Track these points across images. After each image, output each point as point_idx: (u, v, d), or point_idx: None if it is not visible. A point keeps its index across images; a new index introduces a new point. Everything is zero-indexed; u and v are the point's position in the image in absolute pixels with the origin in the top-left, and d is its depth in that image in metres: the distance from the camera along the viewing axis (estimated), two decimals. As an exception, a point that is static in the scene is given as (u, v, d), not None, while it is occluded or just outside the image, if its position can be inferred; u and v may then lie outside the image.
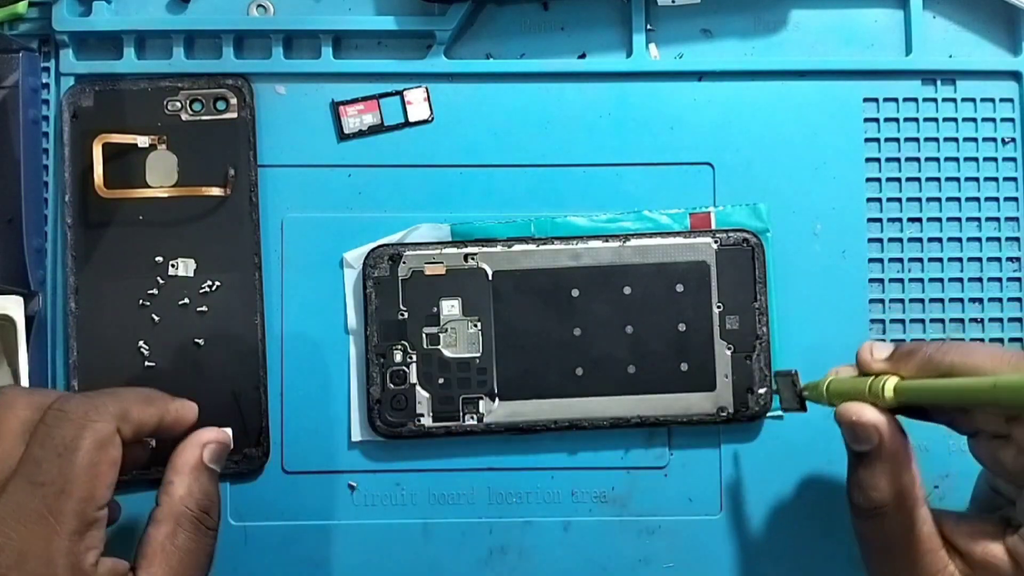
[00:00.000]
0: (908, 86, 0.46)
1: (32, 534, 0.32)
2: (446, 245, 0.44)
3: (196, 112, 0.45)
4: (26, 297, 0.44)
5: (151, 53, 0.46)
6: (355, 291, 0.45)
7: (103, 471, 0.34)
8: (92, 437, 0.34)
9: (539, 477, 0.45)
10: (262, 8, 0.46)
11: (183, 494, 0.37)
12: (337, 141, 0.46)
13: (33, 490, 0.33)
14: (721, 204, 0.46)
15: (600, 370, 0.44)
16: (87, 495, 0.33)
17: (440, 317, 0.44)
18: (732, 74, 0.46)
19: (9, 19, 0.45)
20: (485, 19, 0.46)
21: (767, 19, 0.47)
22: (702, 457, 0.45)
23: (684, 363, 0.44)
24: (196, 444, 0.38)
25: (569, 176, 0.46)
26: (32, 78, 0.45)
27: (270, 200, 0.45)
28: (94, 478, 0.34)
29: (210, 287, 0.44)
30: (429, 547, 0.45)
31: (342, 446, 0.45)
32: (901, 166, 0.46)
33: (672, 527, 0.45)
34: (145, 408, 0.37)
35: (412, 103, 0.46)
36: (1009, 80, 0.46)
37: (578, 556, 0.45)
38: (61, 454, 0.33)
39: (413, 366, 0.44)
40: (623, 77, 0.46)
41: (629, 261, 0.44)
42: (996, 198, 0.46)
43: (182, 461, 0.38)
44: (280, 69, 0.46)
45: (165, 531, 0.36)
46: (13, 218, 0.44)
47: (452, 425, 0.44)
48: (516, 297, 0.44)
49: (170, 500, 0.37)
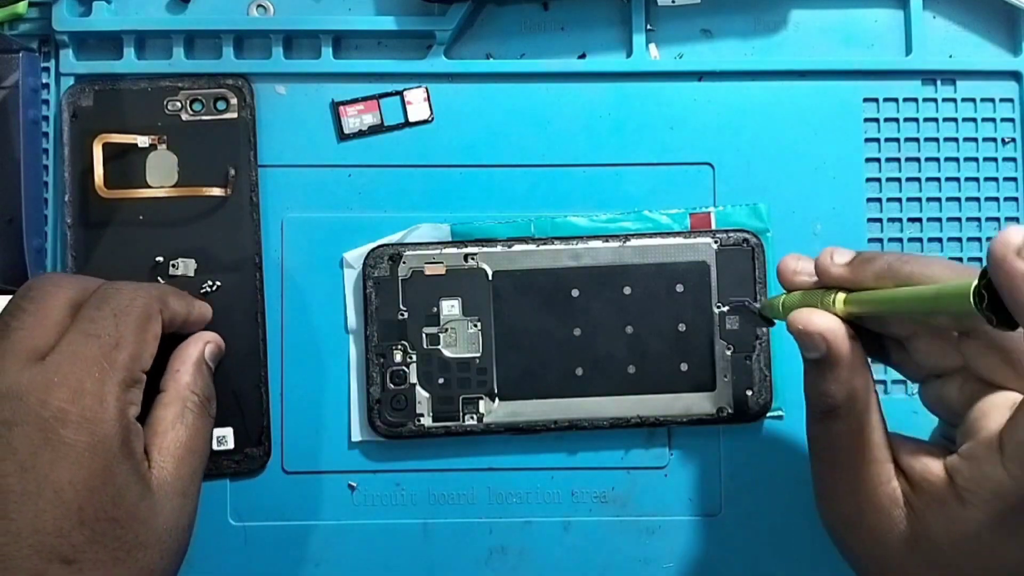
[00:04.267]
0: (908, 86, 0.46)
1: (88, 374, 0.35)
2: (446, 245, 0.44)
3: (196, 112, 0.45)
4: (26, 297, 0.44)
5: (151, 53, 0.46)
6: (355, 291, 0.45)
7: (148, 340, 0.37)
8: (142, 307, 0.38)
9: (539, 477, 0.45)
10: (262, 8, 0.46)
11: (188, 381, 0.40)
12: (337, 141, 0.46)
13: (89, 340, 0.36)
14: (721, 204, 0.46)
15: (600, 370, 0.44)
16: (136, 353, 0.37)
17: (440, 317, 0.44)
18: (732, 74, 0.46)
19: (9, 19, 0.45)
20: (485, 19, 0.46)
21: (767, 19, 0.47)
22: (702, 457, 0.45)
23: (684, 363, 0.44)
24: (199, 340, 0.41)
25: (569, 176, 0.46)
26: (32, 78, 0.45)
27: (270, 200, 0.45)
28: (142, 342, 0.37)
29: (211, 287, 0.44)
30: (429, 547, 0.45)
31: (342, 446, 0.45)
32: (901, 166, 0.46)
33: (672, 527, 0.45)
34: (178, 300, 0.41)
35: (412, 103, 0.46)
36: (1009, 80, 0.46)
37: (578, 556, 0.45)
38: (116, 315, 0.37)
39: (413, 366, 0.44)
40: (623, 77, 0.46)
41: (629, 261, 0.44)
42: (996, 198, 0.46)
43: (187, 353, 0.41)
44: (280, 69, 0.46)
45: (174, 411, 0.39)
46: (13, 218, 0.44)
47: (452, 425, 0.44)
48: (516, 297, 0.44)
49: (177, 385, 0.40)
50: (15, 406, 0.34)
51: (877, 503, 0.34)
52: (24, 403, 0.34)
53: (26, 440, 0.33)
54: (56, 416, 0.34)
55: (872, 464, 0.35)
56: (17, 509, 0.33)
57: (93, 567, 0.34)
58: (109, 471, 0.34)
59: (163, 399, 0.39)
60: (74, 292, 0.37)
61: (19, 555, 0.33)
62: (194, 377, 0.40)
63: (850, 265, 0.35)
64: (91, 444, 0.34)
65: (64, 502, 0.33)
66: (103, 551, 0.34)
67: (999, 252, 0.29)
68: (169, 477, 0.37)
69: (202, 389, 0.40)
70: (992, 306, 0.29)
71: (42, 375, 0.34)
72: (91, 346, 0.35)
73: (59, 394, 0.34)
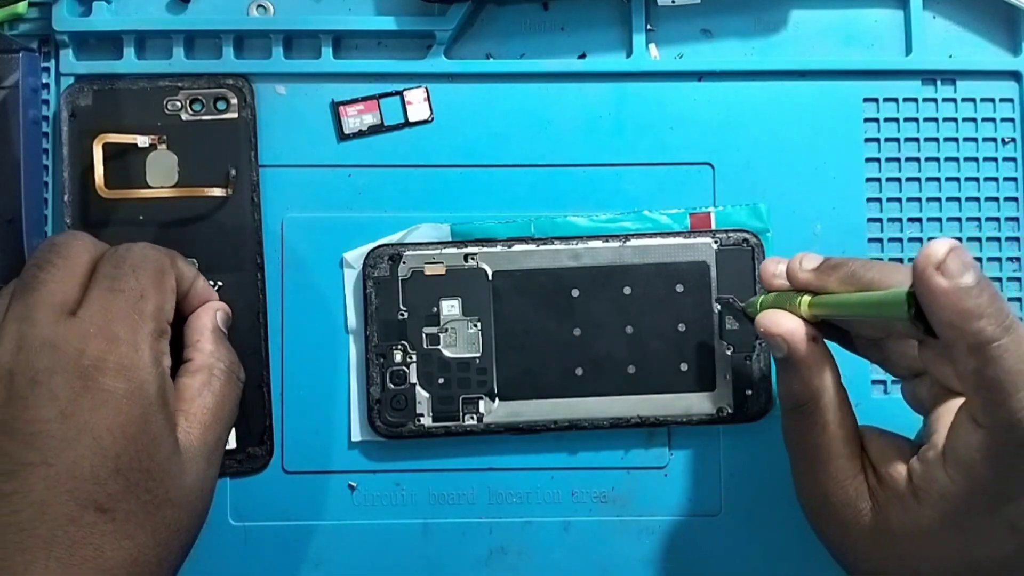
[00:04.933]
0: (908, 86, 0.46)
1: (120, 324, 0.36)
2: (446, 245, 0.44)
3: (196, 112, 0.45)
4: (26, 297, 0.44)
5: (151, 53, 0.46)
6: (355, 291, 0.45)
7: (167, 291, 0.38)
8: (156, 261, 0.38)
9: (539, 477, 0.45)
10: (262, 8, 0.46)
11: (212, 349, 0.40)
12: (337, 141, 0.46)
13: (114, 295, 0.36)
14: (721, 204, 0.46)
15: (600, 370, 0.44)
16: (159, 304, 0.37)
17: (440, 317, 0.44)
18: (732, 74, 0.46)
19: (9, 19, 0.45)
20: (485, 19, 0.46)
21: (767, 19, 0.47)
22: (702, 457, 0.45)
23: (684, 363, 0.44)
24: (209, 310, 0.42)
25: (569, 176, 0.46)
26: (32, 78, 0.45)
27: (270, 200, 0.45)
28: (163, 293, 0.38)
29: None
30: (429, 547, 0.45)
31: (342, 446, 0.45)
32: (901, 166, 0.46)
33: (672, 527, 0.45)
34: (184, 262, 0.41)
35: (412, 103, 0.46)
36: (1009, 80, 0.46)
37: (578, 556, 0.45)
38: (136, 269, 0.37)
39: (413, 366, 0.44)
40: (623, 77, 0.46)
41: (629, 261, 0.44)
42: (996, 198, 0.46)
43: (202, 323, 0.41)
44: (280, 69, 0.46)
45: (201, 379, 0.39)
46: (13, 218, 0.44)
47: (452, 425, 0.44)
48: (516, 297, 0.44)
49: (201, 354, 0.40)
50: (54, 355, 0.34)
51: (844, 496, 0.36)
52: (63, 352, 0.34)
53: (67, 387, 0.34)
54: (95, 364, 0.34)
55: (838, 459, 0.36)
56: (56, 455, 0.33)
57: (125, 518, 0.34)
58: (145, 419, 0.35)
59: (189, 367, 0.40)
60: (95, 251, 0.38)
61: (56, 501, 0.33)
62: (216, 345, 0.41)
63: (817, 270, 0.37)
64: (129, 391, 0.35)
65: (102, 449, 0.34)
66: (135, 502, 0.34)
67: (920, 265, 0.30)
68: (196, 442, 0.37)
69: (225, 355, 0.41)
70: (920, 315, 0.31)
71: (77, 326, 0.35)
72: (119, 300, 0.36)
73: (96, 343, 0.35)
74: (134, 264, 0.37)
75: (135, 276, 0.37)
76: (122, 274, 0.37)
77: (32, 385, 0.34)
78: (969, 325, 0.30)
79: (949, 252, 0.30)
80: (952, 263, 0.30)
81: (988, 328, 0.30)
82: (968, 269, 0.30)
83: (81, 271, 0.37)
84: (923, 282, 0.30)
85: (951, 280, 0.30)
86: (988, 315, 0.30)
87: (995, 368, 0.30)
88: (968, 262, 0.30)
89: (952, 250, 0.30)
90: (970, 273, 0.30)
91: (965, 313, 0.30)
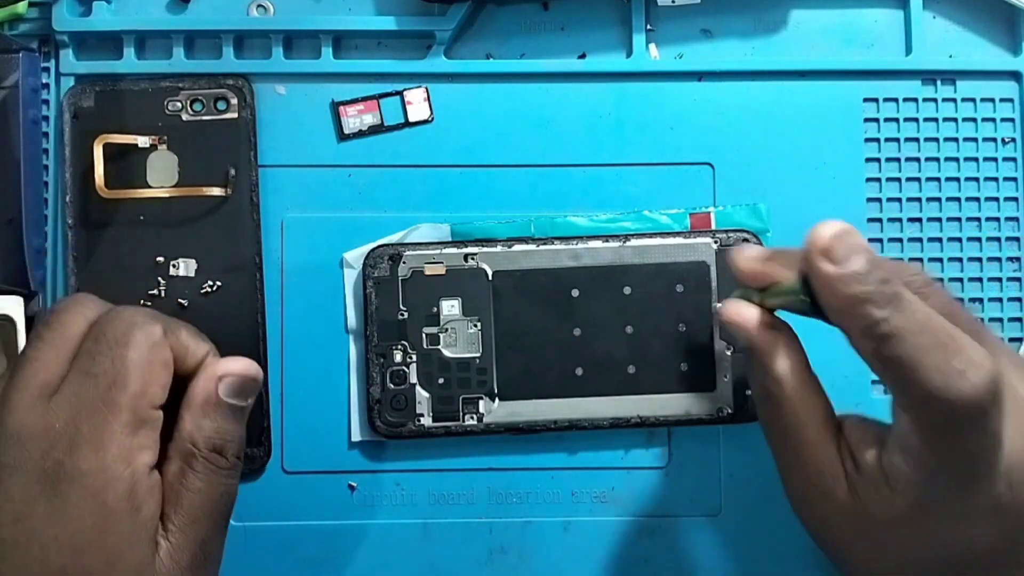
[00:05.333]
0: (908, 86, 0.46)
1: (85, 421, 0.32)
2: (446, 245, 0.44)
3: (197, 112, 0.45)
4: (26, 297, 0.44)
5: (151, 53, 0.46)
6: (355, 291, 0.45)
7: (155, 370, 0.34)
8: (143, 335, 0.34)
9: (539, 477, 0.45)
10: (262, 8, 0.46)
11: (190, 430, 0.35)
12: (337, 141, 0.46)
13: (87, 380, 0.33)
14: (721, 204, 0.46)
15: (600, 370, 0.44)
16: (140, 390, 0.33)
17: (440, 317, 0.44)
18: (732, 74, 0.46)
19: (9, 19, 0.45)
20: (485, 19, 0.46)
21: (767, 19, 0.47)
22: (702, 457, 0.45)
23: (684, 363, 0.44)
24: (210, 376, 0.36)
25: (569, 176, 0.46)
26: (32, 78, 0.45)
27: (270, 200, 0.45)
28: (147, 374, 0.34)
29: (211, 287, 0.44)
30: (429, 547, 0.45)
31: (342, 446, 0.45)
32: (901, 166, 0.46)
33: (672, 527, 0.45)
34: (195, 337, 0.37)
35: (412, 103, 0.46)
36: (1009, 80, 0.46)
37: (578, 556, 0.45)
38: (113, 347, 0.33)
39: (413, 366, 0.44)
40: (623, 77, 0.46)
41: (629, 261, 0.44)
42: (996, 198, 0.46)
43: (193, 393, 0.36)
44: (280, 69, 0.46)
45: (174, 470, 0.35)
46: (13, 218, 0.44)
47: (452, 425, 0.44)
48: (516, 297, 0.44)
49: (177, 436, 0.35)
50: (18, 451, 0.32)
51: (821, 482, 0.35)
52: (26, 449, 0.32)
53: (23, 489, 0.32)
54: (54, 468, 0.32)
55: (811, 445, 0.35)
56: (2, 559, 0.32)
57: None
58: (103, 530, 0.32)
59: (167, 450, 0.35)
60: (93, 313, 0.35)
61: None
62: (198, 424, 0.35)
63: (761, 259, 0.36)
64: (84, 498, 0.32)
65: (47, 560, 0.32)
66: None
67: (806, 250, 0.31)
68: (175, 548, 0.34)
69: (207, 439, 0.35)
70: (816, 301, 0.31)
71: (44, 419, 0.33)
72: (89, 387, 0.33)
73: (59, 444, 0.32)
74: (115, 339, 0.34)
75: (113, 355, 0.33)
76: (99, 352, 0.34)
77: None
78: (856, 310, 0.30)
79: (834, 236, 0.30)
80: (838, 248, 0.30)
81: (874, 312, 0.30)
82: (855, 252, 0.30)
83: (70, 345, 0.34)
84: (810, 267, 0.30)
85: (837, 265, 0.30)
86: (875, 299, 0.30)
87: (891, 348, 0.30)
88: (855, 245, 0.30)
89: (838, 234, 0.30)
90: (858, 257, 0.30)
91: (851, 299, 0.30)
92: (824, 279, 0.30)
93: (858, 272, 0.30)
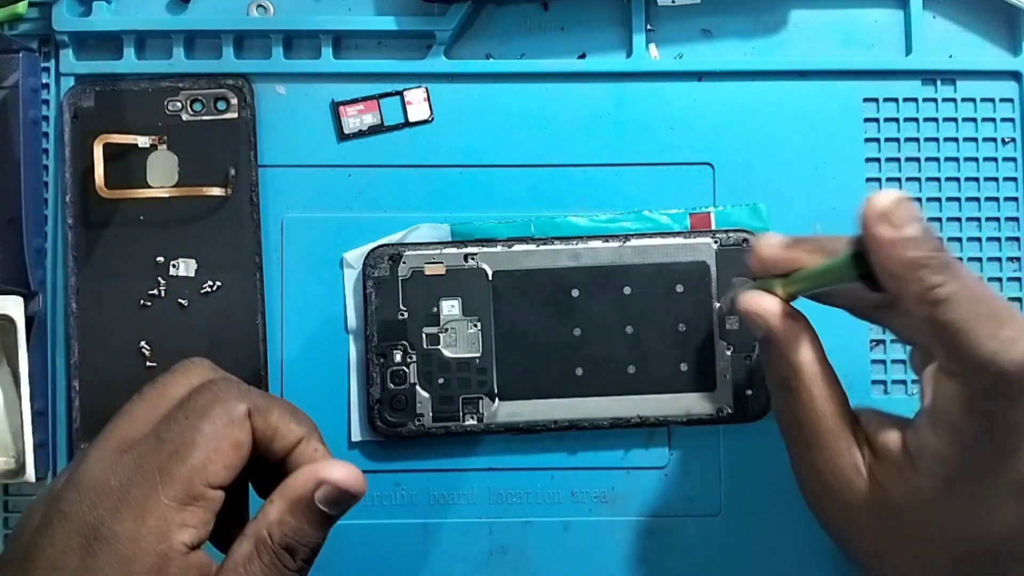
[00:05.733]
0: (908, 86, 0.46)
1: (137, 485, 0.32)
2: (446, 245, 0.44)
3: (197, 112, 0.45)
4: (26, 297, 0.44)
5: (151, 53, 0.46)
6: (355, 291, 0.45)
7: (223, 448, 0.33)
8: (222, 410, 0.33)
9: (539, 477, 0.45)
10: (262, 8, 0.46)
11: (273, 520, 0.33)
12: (337, 141, 0.46)
13: (155, 445, 0.32)
14: (721, 204, 0.46)
15: (600, 370, 0.44)
16: (198, 465, 0.32)
17: (440, 317, 0.44)
18: (732, 74, 0.46)
19: (9, 19, 0.45)
20: (485, 19, 0.46)
21: (767, 19, 0.47)
22: (702, 457, 0.45)
23: (684, 363, 0.44)
24: (312, 476, 0.34)
25: (569, 176, 0.46)
26: (32, 78, 0.45)
27: (270, 200, 0.45)
28: (211, 451, 0.32)
29: (211, 287, 0.44)
30: (429, 547, 0.45)
31: (342, 446, 0.45)
32: (901, 166, 0.46)
33: (672, 527, 0.45)
34: (288, 418, 0.35)
35: (412, 103, 0.46)
36: (1009, 80, 0.46)
37: (578, 556, 0.45)
38: (190, 417, 0.33)
39: (413, 366, 0.44)
40: (623, 77, 0.46)
41: (629, 261, 0.44)
42: (996, 198, 0.46)
43: (290, 486, 0.34)
44: (280, 69, 0.46)
45: (244, 551, 0.33)
46: (13, 218, 0.44)
47: (452, 425, 0.44)
48: (516, 297, 0.44)
49: (259, 519, 0.33)
50: (73, 500, 0.32)
51: (838, 471, 0.35)
52: (81, 499, 0.32)
53: (65, 538, 0.32)
54: (96, 525, 0.31)
55: (829, 433, 0.36)
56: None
57: None
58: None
59: (245, 528, 0.33)
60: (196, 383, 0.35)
61: None
62: (283, 515, 0.33)
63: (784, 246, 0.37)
64: (111, 563, 0.31)
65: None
66: None
67: (866, 215, 0.31)
68: None
69: (283, 535, 0.33)
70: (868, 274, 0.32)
71: (105, 474, 0.32)
72: (155, 451, 0.32)
73: (108, 501, 0.32)
74: (195, 409, 0.33)
75: (186, 424, 0.33)
76: (176, 419, 0.33)
77: (48, 524, 0.32)
78: (913, 274, 0.30)
79: (895, 201, 0.31)
80: (897, 213, 0.31)
81: (932, 277, 0.30)
82: (913, 220, 0.31)
83: (164, 407, 0.34)
84: (868, 231, 0.31)
85: (896, 230, 0.30)
86: (932, 264, 0.30)
87: (946, 312, 0.31)
88: (913, 214, 0.31)
89: (898, 200, 0.31)
90: (915, 224, 0.30)
91: (909, 263, 0.30)
92: (883, 243, 0.31)
93: (916, 237, 0.30)
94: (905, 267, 0.31)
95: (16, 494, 0.45)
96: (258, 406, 0.34)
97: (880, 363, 0.46)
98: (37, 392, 0.44)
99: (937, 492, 0.33)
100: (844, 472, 0.35)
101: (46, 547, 0.32)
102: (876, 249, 0.31)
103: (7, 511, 0.45)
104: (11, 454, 0.44)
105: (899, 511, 0.34)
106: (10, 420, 0.44)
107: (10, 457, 0.44)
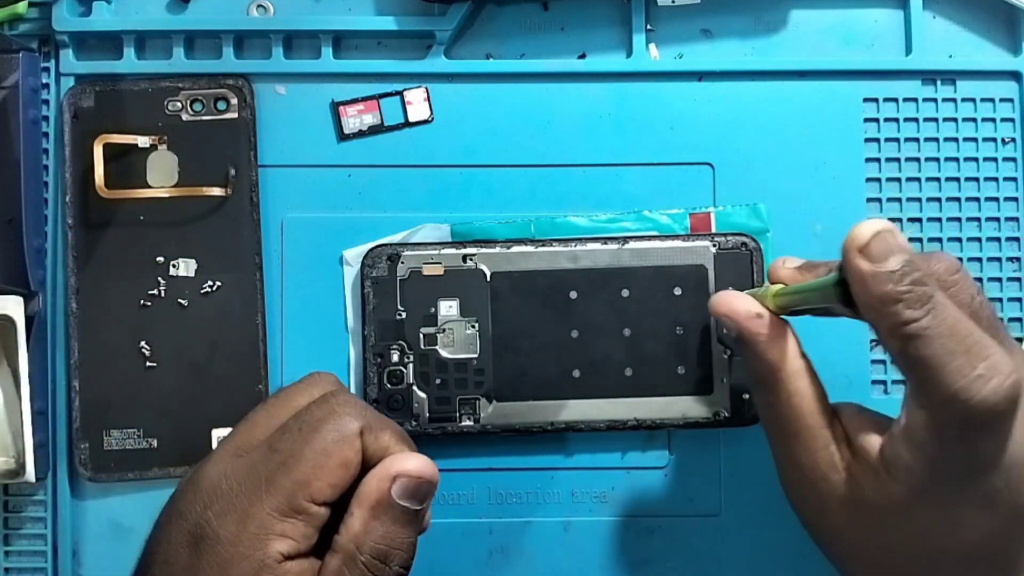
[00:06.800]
0: (908, 86, 0.46)
1: (245, 492, 0.32)
2: (445, 245, 0.44)
3: (197, 112, 0.45)
4: (26, 297, 0.44)
5: (151, 53, 0.46)
6: (354, 290, 0.45)
7: (331, 465, 0.32)
8: (334, 427, 0.33)
9: (539, 477, 0.45)
10: (262, 8, 0.46)
11: (358, 531, 0.32)
12: (337, 141, 0.46)
13: (268, 453, 0.33)
14: (721, 204, 0.46)
15: (597, 372, 0.44)
16: (303, 479, 0.32)
17: (438, 317, 0.44)
18: (732, 74, 0.46)
19: (9, 19, 0.45)
20: (485, 19, 0.46)
21: (767, 19, 0.46)
22: (702, 457, 0.45)
23: (681, 366, 0.44)
24: (385, 476, 0.33)
25: (569, 176, 0.46)
26: (32, 78, 0.45)
27: (270, 200, 0.46)
28: (319, 467, 0.32)
29: (211, 287, 0.45)
30: (429, 547, 0.45)
31: (342, 446, 0.45)
32: (901, 166, 0.46)
33: (672, 527, 0.45)
34: (399, 440, 0.35)
35: (412, 103, 0.46)
36: (1009, 80, 0.46)
37: (578, 556, 0.45)
38: (303, 430, 0.33)
39: (410, 366, 0.44)
40: (623, 77, 0.46)
41: (627, 264, 0.44)
42: (996, 198, 0.46)
43: (365, 492, 0.33)
44: (280, 69, 0.46)
45: (334, 567, 0.32)
46: (13, 218, 0.44)
47: (448, 426, 0.44)
48: (514, 298, 0.44)
49: (344, 534, 0.32)
50: (189, 498, 0.33)
51: (816, 467, 0.36)
52: (196, 499, 0.32)
53: (178, 536, 0.32)
54: (204, 524, 0.32)
55: (807, 429, 0.36)
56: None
57: None
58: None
59: (333, 544, 0.33)
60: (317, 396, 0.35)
61: None
62: (366, 524, 0.32)
63: (798, 270, 0.37)
64: (211, 564, 0.31)
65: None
66: None
67: (845, 247, 0.31)
68: None
69: (373, 545, 0.32)
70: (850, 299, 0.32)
71: (220, 477, 0.33)
72: (266, 460, 0.32)
73: (217, 504, 0.32)
74: (309, 422, 0.33)
75: (297, 438, 0.33)
76: (290, 430, 0.33)
77: (167, 521, 0.33)
78: (886, 308, 0.31)
79: (874, 235, 0.31)
80: (876, 246, 0.31)
81: (905, 312, 0.31)
82: (893, 253, 0.31)
83: (283, 416, 0.34)
84: (847, 264, 0.31)
85: (874, 263, 0.31)
86: (907, 299, 0.31)
87: (916, 348, 0.31)
88: (895, 245, 0.31)
89: (878, 233, 0.31)
90: (895, 257, 0.31)
91: (883, 297, 0.31)
92: (858, 275, 0.31)
93: (892, 272, 0.31)
94: (879, 301, 0.31)
95: (16, 494, 0.45)
96: (371, 425, 0.34)
97: (880, 363, 0.46)
98: (37, 392, 0.44)
99: (908, 499, 0.33)
100: (821, 468, 0.35)
101: (162, 542, 0.33)
102: (853, 280, 0.32)
103: (7, 511, 0.45)
104: (11, 454, 0.44)
105: (872, 511, 0.34)
106: (10, 420, 0.44)
107: (10, 457, 0.44)
